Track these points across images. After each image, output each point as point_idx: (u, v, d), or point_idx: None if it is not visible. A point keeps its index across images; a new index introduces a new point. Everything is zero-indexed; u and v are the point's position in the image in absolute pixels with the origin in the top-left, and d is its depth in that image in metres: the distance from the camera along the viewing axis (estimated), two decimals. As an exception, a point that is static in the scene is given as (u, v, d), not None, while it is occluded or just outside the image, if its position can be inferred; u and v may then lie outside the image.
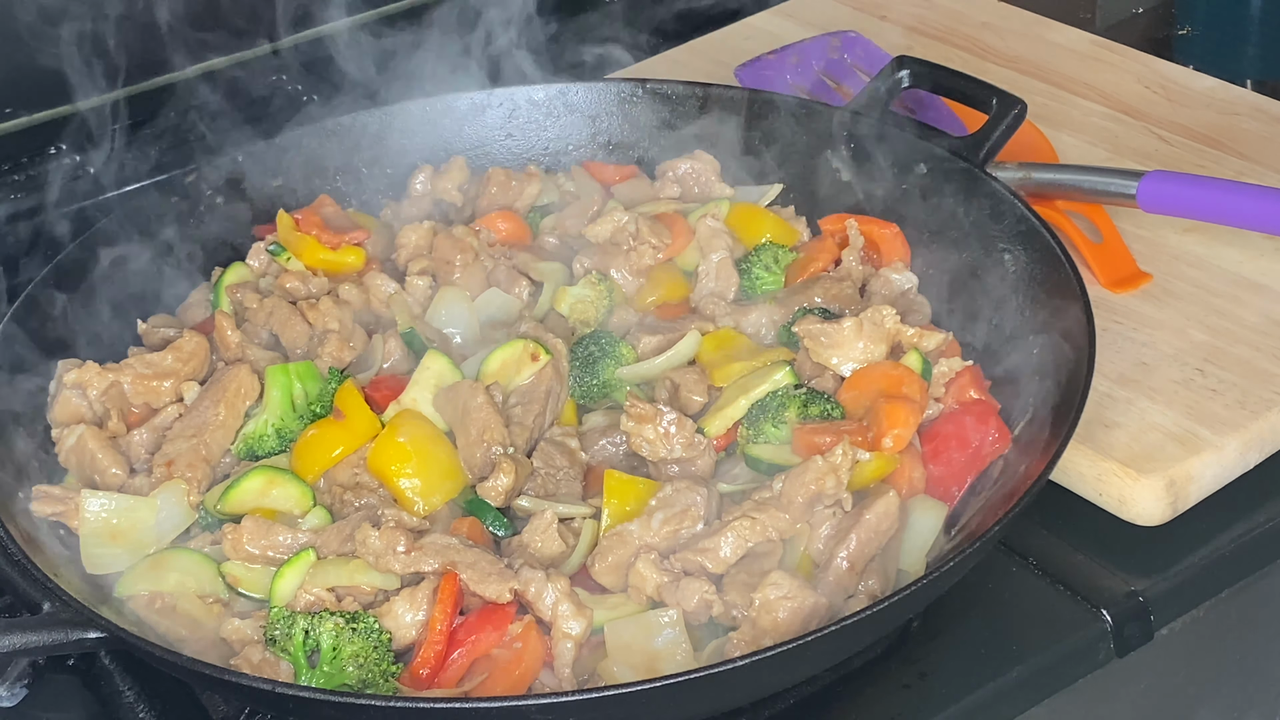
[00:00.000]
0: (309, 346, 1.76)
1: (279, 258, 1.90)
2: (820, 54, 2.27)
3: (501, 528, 1.58)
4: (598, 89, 2.07)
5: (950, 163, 1.85)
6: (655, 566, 1.50)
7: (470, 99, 2.06)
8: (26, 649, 1.40)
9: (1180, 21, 2.72)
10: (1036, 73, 2.30)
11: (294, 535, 1.56)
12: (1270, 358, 1.78)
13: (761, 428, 1.63)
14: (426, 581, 1.49)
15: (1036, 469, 1.49)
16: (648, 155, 2.06)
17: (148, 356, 1.73)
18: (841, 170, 1.95)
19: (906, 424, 1.59)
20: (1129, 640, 1.60)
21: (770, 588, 1.46)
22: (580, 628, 1.46)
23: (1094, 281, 1.88)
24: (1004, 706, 1.54)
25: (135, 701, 1.57)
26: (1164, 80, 2.25)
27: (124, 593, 1.54)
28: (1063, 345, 1.62)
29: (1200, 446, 1.67)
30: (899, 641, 1.57)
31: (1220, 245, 1.93)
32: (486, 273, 1.86)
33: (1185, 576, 1.65)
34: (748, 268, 1.85)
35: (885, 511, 1.52)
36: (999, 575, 1.63)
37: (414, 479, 1.58)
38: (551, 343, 1.72)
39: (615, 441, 1.67)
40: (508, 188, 1.97)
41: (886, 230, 1.86)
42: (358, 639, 1.44)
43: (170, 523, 1.59)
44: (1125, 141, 2.14)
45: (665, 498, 1.55)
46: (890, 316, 1.69)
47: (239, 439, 1.67)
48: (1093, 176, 1.89)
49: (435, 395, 1.65)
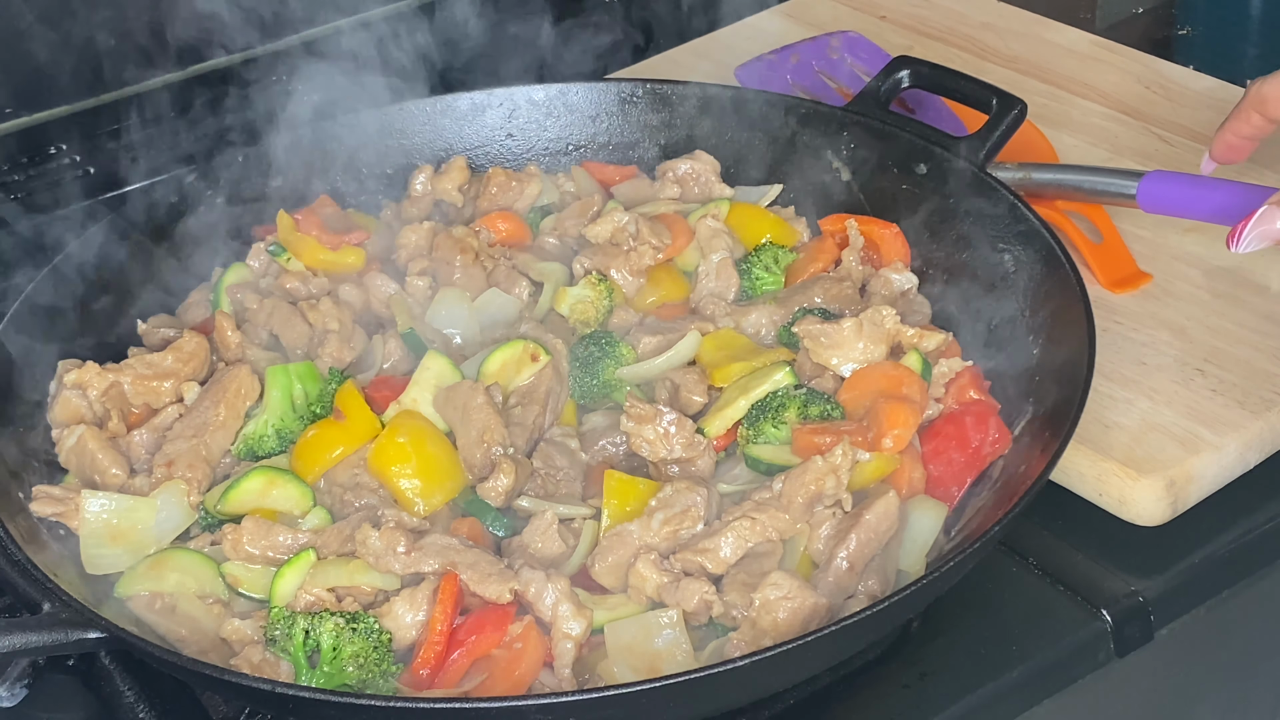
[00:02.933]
0: (309, 347, 1.76)
1: (279, 258, 1.90)
2: (820, 54, 2.27)
3: (501, 528, 1.58)
4: (598, 89, 2.07)
5: (950, 163, 1.85)
6: (655, 567, 1.50)
7: (470, 99, 2.07)
8: (26, 649, 1.40)
9: (1180, 21, 2.73)
10: (1036, 73, 2.30)
11: (294, 536, 1.56)
12: (1270, 358, 1.78)
13: (761, 428, 1.63)
14: (426, 582, 1.49)
15: (1036, 469, 1.49)
16: (648, 155, 2.06)
17: (148, 357, 1.73)
18: (841, 170, 1.95)
19: (906, 424, 1.59)
20: (1129, 640, 1.60)
21: (770, 588, 1.46)
22: (580, 628, 1.46)
23: (1094, 281, 1.88)
24: (1004, 707, 1.54)
25: (135, 701, 1.57)
26: (1164, 80, 2.25)
27: (124, 593, 1.54)
28: (1063, 345, 1.62)
29: (1200, 446, 1.67)
30: (899, 642, 1.57)
31: (1220, 245, 1.92)
32: (486, 273, 1.86)
33: (1185, 576, 1.65)
34: (748, 268, 1.85)
35: (885, 512, 1.52)
36: (999, 575, 1.63)
37: (414, 479, 1.58)
38: (551, 343, 1.72)
39: (615, 442, 1.67)
40: (508, 188, 1.97)
41: (886, 230, 1.86)
42: (358, 639, 1.44)
43: (170, 523, 1.59)
44: (1125, 141, 2.14)
45: (665, 498, 1.55)
46: (890, 317, 1.69)
47: (239, 439, 1.67)
48: (1092, 176, 1.89)
49: (435, 396, 1.65)
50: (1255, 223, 1.58)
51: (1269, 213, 1.58)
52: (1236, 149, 1.82)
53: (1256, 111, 1.77)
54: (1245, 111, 1.79)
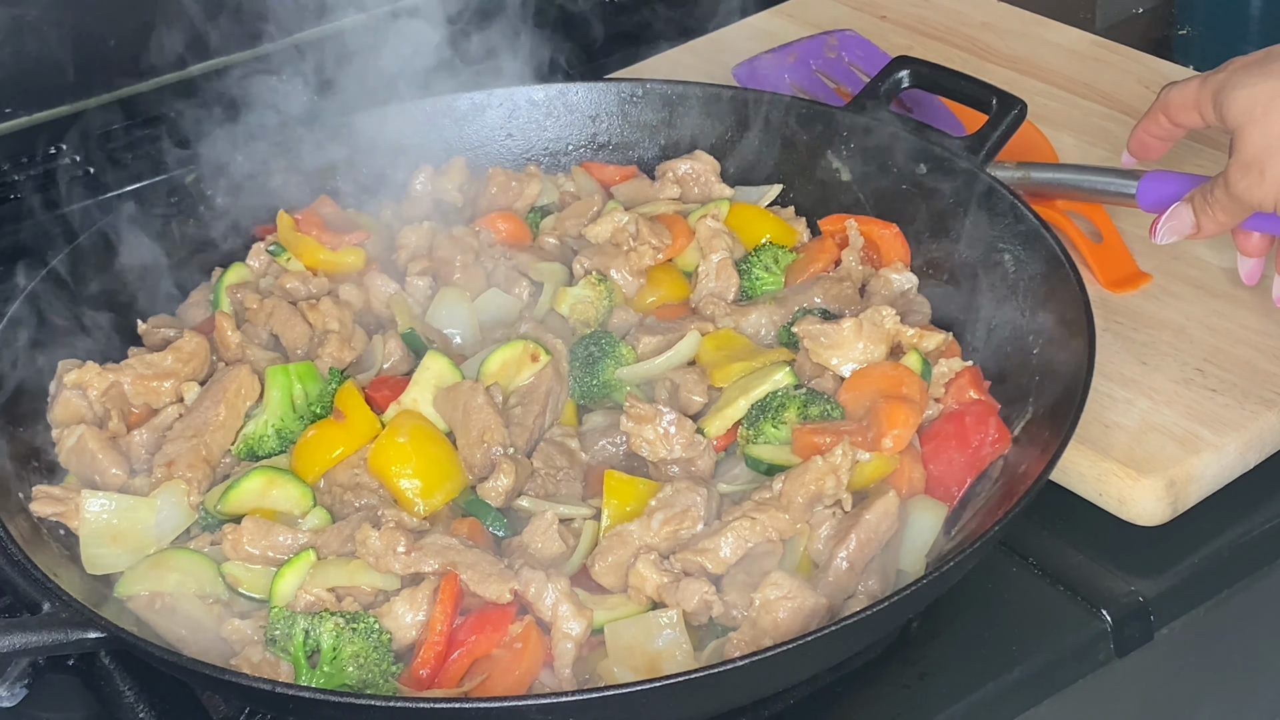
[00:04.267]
0: (309, 347, 1.76)
1: (279, 258, 1.90)
2: (817, 53, 2.27)
3: (501, 528, 1.58)
4: (598, 89, 2.07)
5: (950, 163, 1.85)
6: (655, 567, 1.50)
7: (470, 99, 2.06)
8: (26, 649, 1.40)
9: (1180, 21, 2.73)
10: (1036, 73, 2.30)
11: (294, 536, 1.56)
12: (1270, 358, 1.78)
13: (761, 428, 1.63)
14: (426, 582, 1.49)
15: (1036, 469, 1.49)
16: (648, 155, 2.06)
17: (148, 357, 1.73)
18: (841, 170, 1.95)
19: (906, 424, 1.59)
20: (1129, 640, 1.60)
21: (770, 588, 1.46)
22: (580, 628, 1.46)
23: (1094, 281, 1.88)
24: (1004, 706, 1.54)
25: (135, 701, 1.56)
26: (1164, 80, 2.24)
27: (124, 593, 1.54)
28: (1063, 346, 1.62)
29: (1200, 446, 1.67)
30: (899, 641, 1.57)
31: (1220, 245, 1.93)
32: (486, 273, 1.87)
33: (1185, 576, 1.65)
34: (748, 268, 1.85)
35: (885, 512, 1.52)
36: (999, 575, 1.63)
37: (414, 479, 1.58)
38: (551, 343, 1.72)
39: (615, 442, 1.67)
40: (508, 188, 1.97)
41: (886, 230, 1.86)
42: (358, 639, 1.44)
43: (170, 523, 1.59)
44: (1125, 141, 2.13)
45: (665, 498, 1.55)
46: (890, 317, 1.69)
47: (239, 439, 1.67)
48: (1093, 176, 1.88)
49: (435, 396, 1.65)
50: (1166, 219, 1.74)
51: (1179, 209, 1.73)
52: (1149, 147, 1.86)
53: (1163, 114, 1.80)
54: (1154, 114, 1.82)
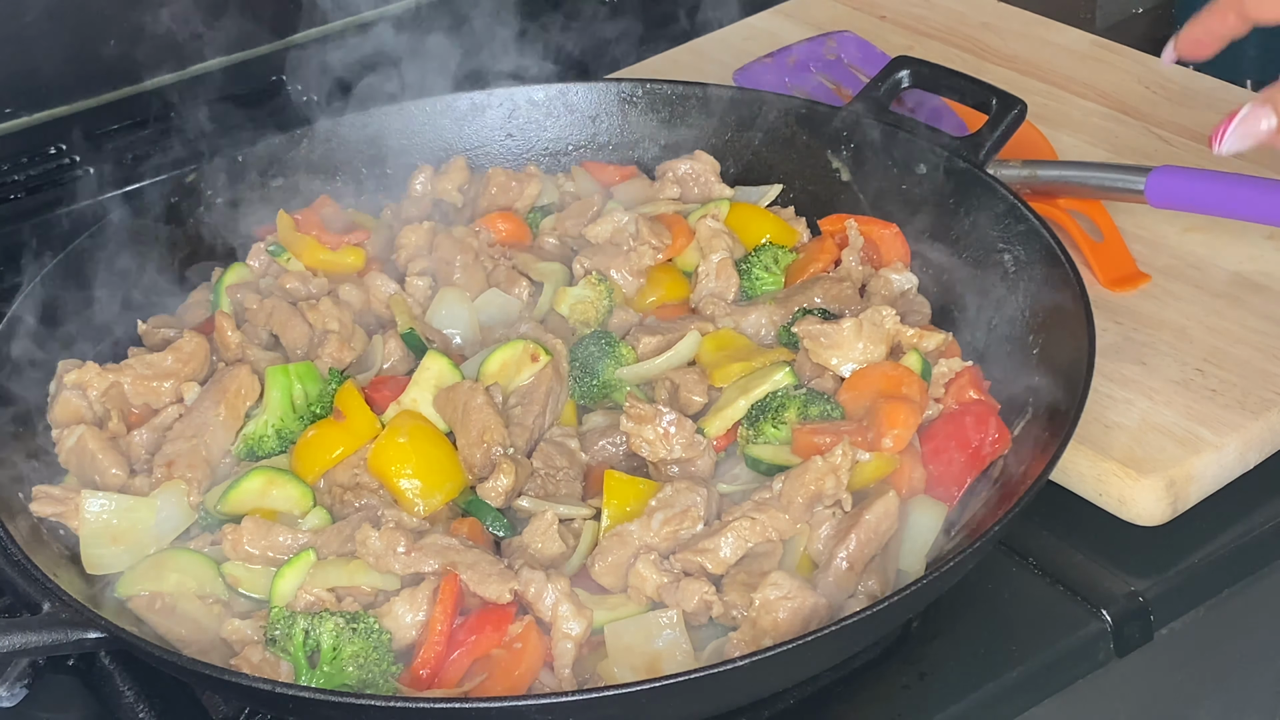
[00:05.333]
0: (309, 347, 1.76)
1: (279, 258, 1.90)
2: (816, 55, 2.27)
3: (501, 528, 1.58)
4: (598, 89, 2.07)
5: (950, 163, 1.85)
6: (655, 567, 1.50)
7: (470, 99, 2.07)
8: (26, 649, 1.40)
9: (1180, 21, 2.71)
10: (1036, 73, 2.30)
11: (294, 536, 1.56)
12: (1270, 358, 1.78)
13: (761, 428, 1.63)
14: (426, 582, 1.49)
15: (1036, 469, 1.49)
16: (647, 155, 2.06)
17: (148, 357, 1.73)
18: (841, 170, 1.95)
19: (906, 424, 1.59)
20: (1129, 640, 1.60)
21: (770, 588, 1.46)
22: (580, 628, 1.46)
23: (1094, 281, 1.88)
24: (1004, 706, 1.54)
25: (135, 701, 1.57)
26: (1164, 80, 2.25)
27: (124, 593, 1.54)
28: (1063, 346, 1.62)
29: (1200, 446, 1.67)
30: (899, 641, 1.57)
31: (1220, 245, 1.93)
32: (486, 273, 1.87)
33: (1185, 576, 1.65)
34: (748, 268, 1.85)
35: (885, 512, 1.52)
36: (999, 575, 1.63)
37: (414, 479, 1.58)
38: (551, 343, 1.72)
39: (615, 442, 1.67)
40: (508, 188, 1.97)
41: (886, 230, 1.86)
42: (358, 639, 1.44)
43: (170, 523, 1.59)
44: (1125, 141, 2.14)
45: (665, 498, 1.55)
46: (890, 317, 1.69)
47: (239, 439, 1.67)
48: (1099, 172, 1.88)
49: (435, 396, 1.65)
50: (1239, 122, 1.54)
51: (1254, 111, 1.53)
52: (1203, 45, 1.71)
53: (1234, 12, 1.66)
54: (1222, 10, 1.67)
